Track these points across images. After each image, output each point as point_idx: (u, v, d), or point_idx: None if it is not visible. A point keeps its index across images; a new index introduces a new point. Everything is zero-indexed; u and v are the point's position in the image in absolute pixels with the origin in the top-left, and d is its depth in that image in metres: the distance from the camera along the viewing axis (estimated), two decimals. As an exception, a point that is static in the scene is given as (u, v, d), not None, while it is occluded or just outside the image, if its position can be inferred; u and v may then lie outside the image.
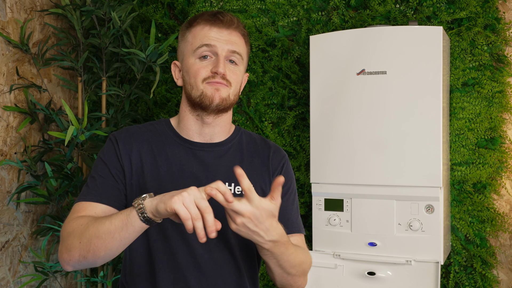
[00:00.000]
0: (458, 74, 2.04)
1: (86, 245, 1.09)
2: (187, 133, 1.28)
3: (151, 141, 1.27)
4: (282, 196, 1.31)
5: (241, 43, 1.26)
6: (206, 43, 1.21)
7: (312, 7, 2.25)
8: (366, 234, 1.89)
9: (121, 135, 1.27)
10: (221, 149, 1.29)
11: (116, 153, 1.24)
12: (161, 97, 2.42)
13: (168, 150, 1.26)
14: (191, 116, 1.26)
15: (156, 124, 1.32)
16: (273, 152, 1.35)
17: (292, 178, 1.38)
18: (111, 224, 1.06)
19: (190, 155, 1.26)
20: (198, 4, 2.39)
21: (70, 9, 2.20)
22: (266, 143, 1.37)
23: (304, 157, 2.27)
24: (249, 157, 1.31)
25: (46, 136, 2.28)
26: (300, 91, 2.27)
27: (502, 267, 2.06)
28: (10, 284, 2.12)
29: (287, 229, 1.31)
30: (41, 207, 2.28)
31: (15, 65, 2.15)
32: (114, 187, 1.22)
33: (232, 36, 1.23)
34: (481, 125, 2.04)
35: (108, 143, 1.27)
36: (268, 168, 1.32)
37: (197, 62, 1.22)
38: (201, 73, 1.21)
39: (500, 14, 2.03)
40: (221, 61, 1.20)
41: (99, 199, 1.20)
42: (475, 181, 2.05)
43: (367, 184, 1.87)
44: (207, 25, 1.23)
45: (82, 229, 1.11)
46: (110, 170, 1.23)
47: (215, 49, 1.21)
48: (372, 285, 1.88)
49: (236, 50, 1.23)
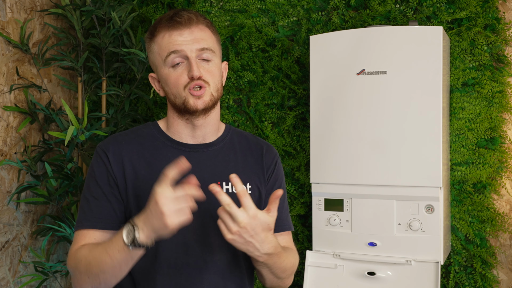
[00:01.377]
0: (458, 74, 2.04)
1: (95, 279, 1.12)
2: (179, 136, 1.26)
3: (142, 147, 1.24)
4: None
5: (207, 36, 1.21)
6: (173, 50, 1.17)
7: (312, 7, 2.25)
8: (366, 234, 1.89)
9: (109, 146, 1.23)
10: (215, 149, 1.28)
11: (106, 168, 1.21)
12: (161, 97, 2.42)
13: (162, 154, 1.24)
14: (181, 121, 1.24)
15: (144, 129, 1.29)
16: (266, 151, 1.34)
17: (282, 176, 1.38)
18: (113, 261, 1.08)
19: (184, 157, 1.26)
20: (198, 4, 2.39)
21: (70, 9, 2.20)
22: (257, 141, 1.36)
23: (304, 157, 2.27)
24: (243, 156, 1.31)
25: (46, 136, 2.28)
26: (300, 91, 2.27)
27: (502, 267, 2.06)
28: (10, 284, 2.12)
29: (277, 228, 1.31)
30: (41, 207, 2.28)
31: (15, 65, 2.15)
32: (108, 208, 1.20)
33: (195, 34, 1.19)
34: (481, 125, 2.04)
35: (96, 158, 1.23)
36: (262, 166, 1.32)
37: (172, 72, 1.19)
38: (179, 81, 1.18)
39: (500, 14, 2.03)
40: (193, 64, 1.17)
41: (95, 225, 1.19)
42: (475, 181, 2.05)
43: (367, 184, 1.87)
44: (167, 31, 1.19)
45: (85, 265, 1.13)
46: (103, 189, 1.20)
47: (183, 53, 1.17)
48: (372, 285, 1.88)
49: (204, 46, 1.19)
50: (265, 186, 1.32)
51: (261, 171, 1.31)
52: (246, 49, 2.32)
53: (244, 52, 2.32)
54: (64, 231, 2.07)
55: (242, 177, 1.26)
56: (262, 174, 1.31)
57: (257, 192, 1.30)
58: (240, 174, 1.25)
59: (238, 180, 1.08)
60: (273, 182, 1.34)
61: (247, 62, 2.32)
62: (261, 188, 1.31)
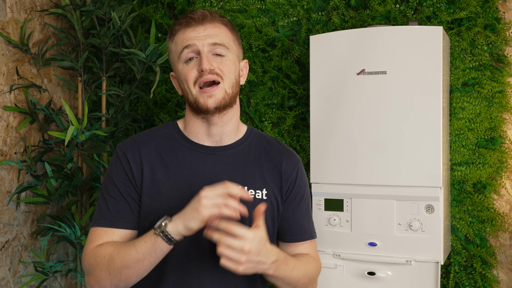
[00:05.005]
0: (458, 74, 2.04)
1: (116, 276, 1.12)
2: (196, 136, 1.25)
3: (160, 147, 1.24)
4: (296, 204, 1.32)
5: (222, 33, 1.21)
6: (186, 45, 1.19)
7: (312, 7, 2.25)
8: (366, 234, 1.89)
9: (128, 146, 1.23)
10: (232, 152, 1.26)
11: (124, 169, 1.21)
12: (161, 97, 2.43)
13: (179, 155, 1.23)
14: (197, 119, 1.23)
15: (163, 129, 1.29)
16: (287, 159, 1.31)
17: (306, 184, 1.35)
18: (138, 253, 1.09)
19: (201, 159, 1.23)
20: (198, 4, 2.39)
21: (70, 9, 2.20)
22: (280, 147, 1.33)
23: (304, 157, 2.27)
24: (262, 161, 1.28)
25: (46, 136, 2.28)
26: (300, 91, 2.27)
27: (502, 267, 2.06)
28: (10, 284, 2.12)
29: (299, 237, 1.33)
30: (41, 207, 2.28)
31: (15, 65, 2.15)
32: (126, 207, 1.20)
33: (209, 30, 1.20)
34: (481, 125, 2.04)
35: (115, 157, 1.24)
36: (280, 175, 1.29)
37: (185, 67, 1.20)
38: (190, 75, 1.19)
39: (500, 14, 2.03)
40: (204, 57, 1.17)
41: (113, 223, 1.19)
42: (475, 181, 2.05)
43: (367, 184, 1.87)
44: (182, 28, 1.21)
45: (107, 261, 1.13)
46: (119, 189, 1.20)
47: (195, 47, 1.18)
48: (372, 285, 1.88)
49: (217, 41, 1.19)
50: (283, 195, 1.29)
51: (279, 180, 1.28)
52: (246, 49, 2.32)
53: (244, 52, 2.32)
54: (64, 231, 2.07)
55: (259, 183, 1.25)
56: (280, 182, 1.28)
57: (274, 199, 1.28)
58: (256, 179, 1.25)
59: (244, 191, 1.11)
60: (295, 193, 1.32)
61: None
62: (278, 196, 1.28)
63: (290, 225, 1.32)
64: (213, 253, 1.19)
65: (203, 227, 1.08)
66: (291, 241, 1.33)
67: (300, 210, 1.32)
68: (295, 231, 1.32)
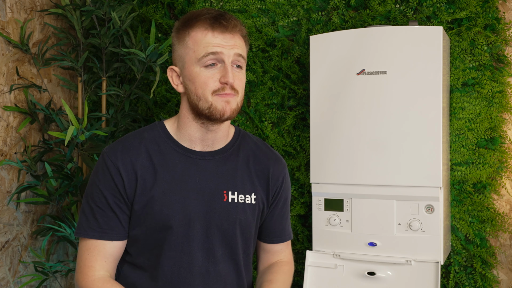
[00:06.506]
0: (458, 74, 2.04)
1: None
2: (188, 140, 1.22)
3: (149, 153, 1.21)
4: (280, 208, 1.34)
5: (243, 45, 1.20)
6: (212, 51, 1.13)
7: (312, 7, 2.25)
8: (366, 234, 1.89)
9: (119, 156, 1.19)
10: (222, 157, 1.25)
11: (114, 181, 1.18)
12: (161, 97, 2.43)
13: (169, 160, 1.21)
14: (195, 123, 1.20)
15: (150, 130, 1.24)
16: (274, 164, 1.31)
17: (289, 187, 1.37)
18: None
19: (191, 164, 1.21)
20: (198, 4, 2.39)
21: (70, 9, 2.20)
22: (267, 151, 1.33)
23: (304, 157, 2.27)
24: (251, 165, 1.28)
25: (46, 136, 2.28)
26: (300, 91, 2.27)
27: (502, 267, 2.06)
28: (10, 284, 2.12)
29: (280, 238, 1.36)
30: (41, 207, 2.28)
31: (15, 65, 2.15)
32: (114, 219, 1.19)
33: (235, 40, 1.16)
34: (481, 125, 2.04)
35: (102, 165, 1.20)
36: (267, 179, 1.29)
37: (203, 71, 1.14)
38: (209, 84, 1.14)
39: (500, 14, 2.03)
40: (229, 71, 1.13)
41: (102, 236, 1.19)
42: (475, 181, 2.05)
43: (367, 184, 1.87)
44: (210, 30, 1.15)
45: None
46: (108, 200, 1.18)
47: (221, 56, 1.14)
48: (372, 285, 1.88)
49: (241, 53, 1.17)
50: (269, 199, 1.30)
51: (266, 184, 1.29)
52: (246, 49, 2.32)
53: (244, 52, 2.32)
54: (64, 231, 2.07)
55: (248, 187, 1.26)
56: (267, 187, 1.29)
57: (261, 203, 1.28)
58: (246, 184, 1.25)
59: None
60: (280, 197, 1.33)
61: (247, 62, 2.31)
62: (264, 200, 1.29)
63: (272, 227, 1.34)
64: (204, 257, 1.20)
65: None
66: (271, 242, 1.36)
67: (282, 213, 1.35)
68: (276, 233, 1.36)
